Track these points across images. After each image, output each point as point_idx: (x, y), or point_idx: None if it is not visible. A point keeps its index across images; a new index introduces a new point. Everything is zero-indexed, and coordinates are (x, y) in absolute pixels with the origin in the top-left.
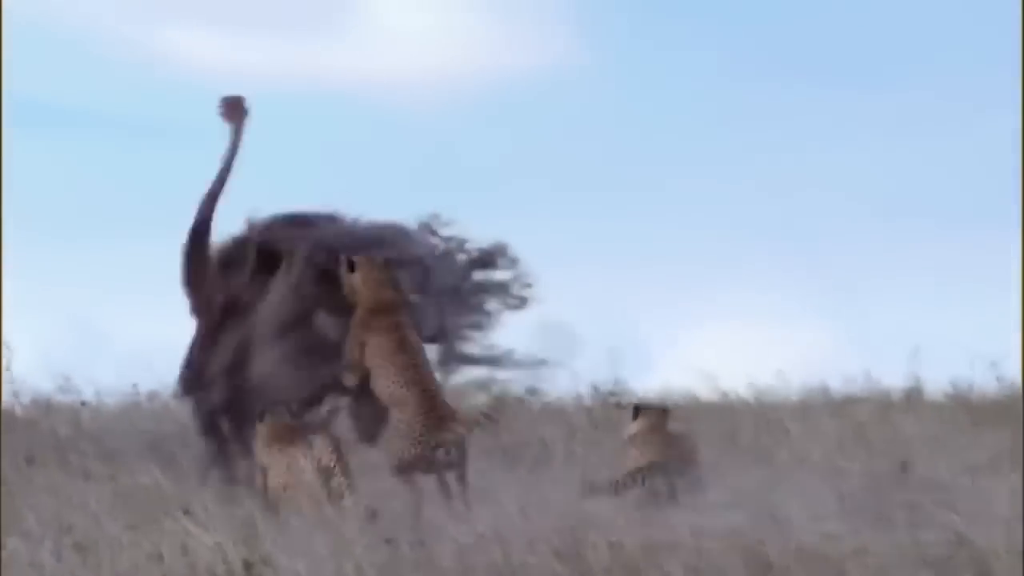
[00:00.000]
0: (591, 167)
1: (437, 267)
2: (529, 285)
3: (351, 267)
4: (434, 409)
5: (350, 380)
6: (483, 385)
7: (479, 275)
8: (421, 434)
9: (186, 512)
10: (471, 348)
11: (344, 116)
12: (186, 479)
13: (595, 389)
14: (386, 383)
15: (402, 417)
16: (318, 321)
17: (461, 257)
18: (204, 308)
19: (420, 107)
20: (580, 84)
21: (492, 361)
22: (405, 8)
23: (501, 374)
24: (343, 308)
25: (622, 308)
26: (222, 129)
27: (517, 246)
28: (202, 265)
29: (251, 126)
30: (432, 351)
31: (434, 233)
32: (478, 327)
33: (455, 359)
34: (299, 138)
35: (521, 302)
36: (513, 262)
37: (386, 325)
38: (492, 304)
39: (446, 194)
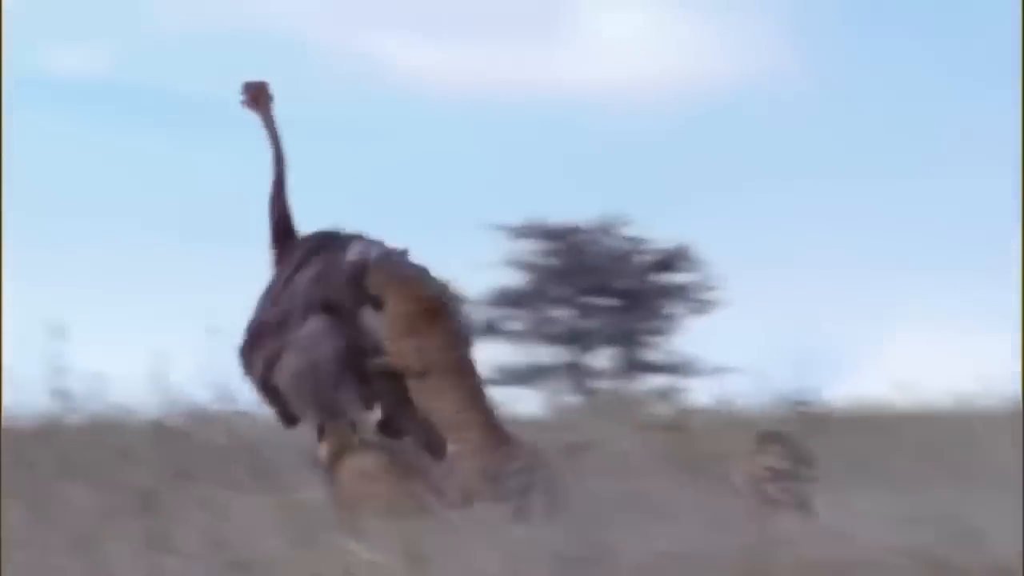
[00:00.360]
0: (791, 172)
1: (616, 269)
2: (713, 288)
3: (371, 264)
4: (500, 434)
5: (406, 367)
6: (665, 394)
7: (661, 277)
8: (488, 461)
9: (348, 529)
10: (652, 354)
11: (553, 120)
12: None
13: (784, 398)
14: (449, 404)
15: (467, 443)
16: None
17: (642, 259)
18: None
19: (629, 111)
20: (788, 90)
21: (674, 368)
22: (617, 16)
23: (684, 381)
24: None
25: (815, 314)
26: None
27: (706, 247)
28: (291, 271)
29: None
30: (612, 356)
31: (613, 234)
32: (660, 332)
33: (635, 366)
34: (508, 142)
35: (705, 306)
36: (697, 264)
37: (448, 332)
38: (675, 308)
39: (645, 196)
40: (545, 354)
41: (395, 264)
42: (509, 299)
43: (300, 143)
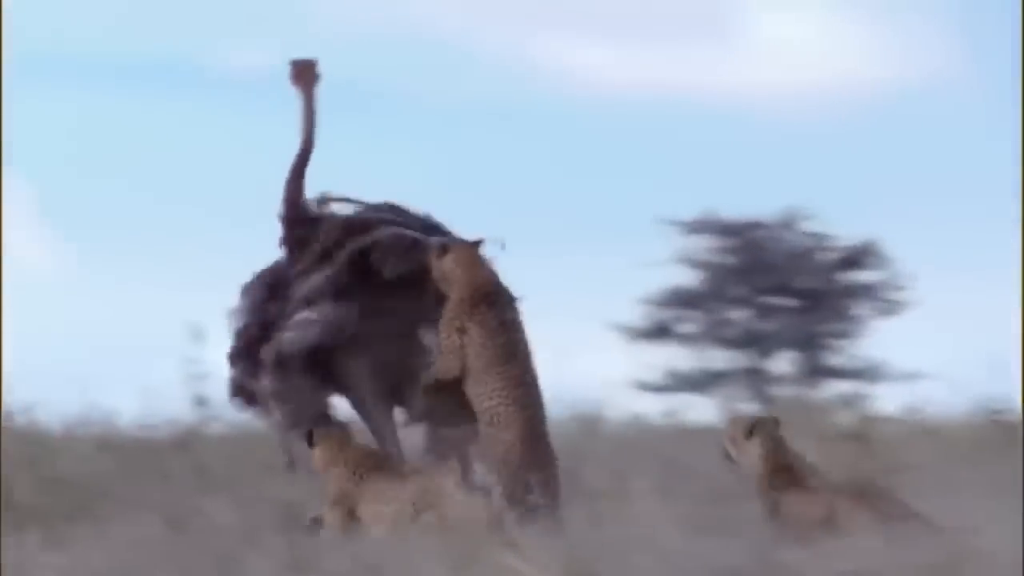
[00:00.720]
0: (978, 173)
1: (797, 267)
2: (903, 288)
3: (443, 251)
4: (539, 441)
5: (447, 372)
6: (849, 401)
7: (846, 276)
8: (520, 467)
9: (512, 547)
10: (836, 358)
11: (723, 121)
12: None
13: (977, 406)
14: (485, 396)
15: (503, 438)
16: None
17: (826, 256)
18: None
19: (799, 114)
20: (962, 93)
21: (859, 374)
22: (784, 17)
23: (870, 388)
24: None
25: (1010, 316)
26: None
27: (892, 247)
28: (301, 253)
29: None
30: (793, 361)
31: (794, 229)
32: (844, 334)
33: (818, 371)
34: (674, 144)
35: (893, 307)
36: (885, 262)
37: (493, 318)
38: (860, 309)
39: (823, 194)
40: (720, 358)
41: (469, 248)
42: (682, 299)
43: (474, 144)
